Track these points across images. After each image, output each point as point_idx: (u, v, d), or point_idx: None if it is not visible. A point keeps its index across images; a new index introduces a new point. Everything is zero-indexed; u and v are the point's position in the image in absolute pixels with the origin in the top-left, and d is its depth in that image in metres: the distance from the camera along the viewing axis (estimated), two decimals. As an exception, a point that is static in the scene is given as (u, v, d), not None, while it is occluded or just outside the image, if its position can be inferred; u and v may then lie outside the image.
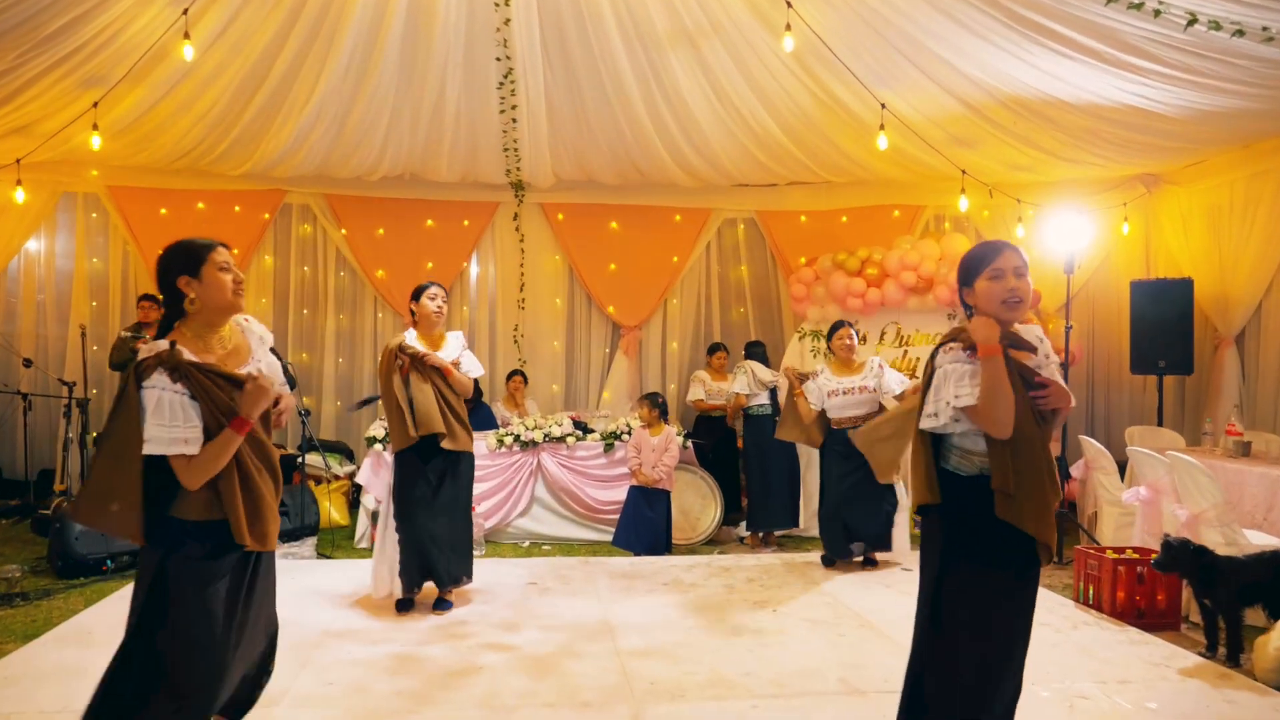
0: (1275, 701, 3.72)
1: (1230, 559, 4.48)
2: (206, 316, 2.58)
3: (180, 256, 2.57)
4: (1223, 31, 4.58)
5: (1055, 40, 5.17)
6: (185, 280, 2.54)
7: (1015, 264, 2.58)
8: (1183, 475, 5.14)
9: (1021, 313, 2.61)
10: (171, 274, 2.55)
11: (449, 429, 4.74)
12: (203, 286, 2.55)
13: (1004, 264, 2.58)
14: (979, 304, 2.64)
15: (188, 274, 2.54)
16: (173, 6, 5.28)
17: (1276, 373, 7.40)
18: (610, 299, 8.85)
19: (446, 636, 4.41)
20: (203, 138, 7.09)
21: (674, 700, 3.61)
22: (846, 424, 5.72)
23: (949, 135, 6.84)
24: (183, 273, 2.55)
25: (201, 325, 2.57)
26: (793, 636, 4.45)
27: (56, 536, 5.71)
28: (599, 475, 6.88)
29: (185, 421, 2.40)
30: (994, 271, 2.59)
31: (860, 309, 7.83)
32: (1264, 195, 7.34)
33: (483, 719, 3.41)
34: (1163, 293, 7.79)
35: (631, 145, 7.45)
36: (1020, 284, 2.57)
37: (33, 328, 8.47)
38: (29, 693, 3.62)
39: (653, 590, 5.30)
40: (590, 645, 4.27)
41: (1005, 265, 2.58)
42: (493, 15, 5.77)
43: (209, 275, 2.55)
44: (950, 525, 2.58)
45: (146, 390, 2.38)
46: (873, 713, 3.49)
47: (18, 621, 4.71)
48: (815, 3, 5.43)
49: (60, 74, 5.81)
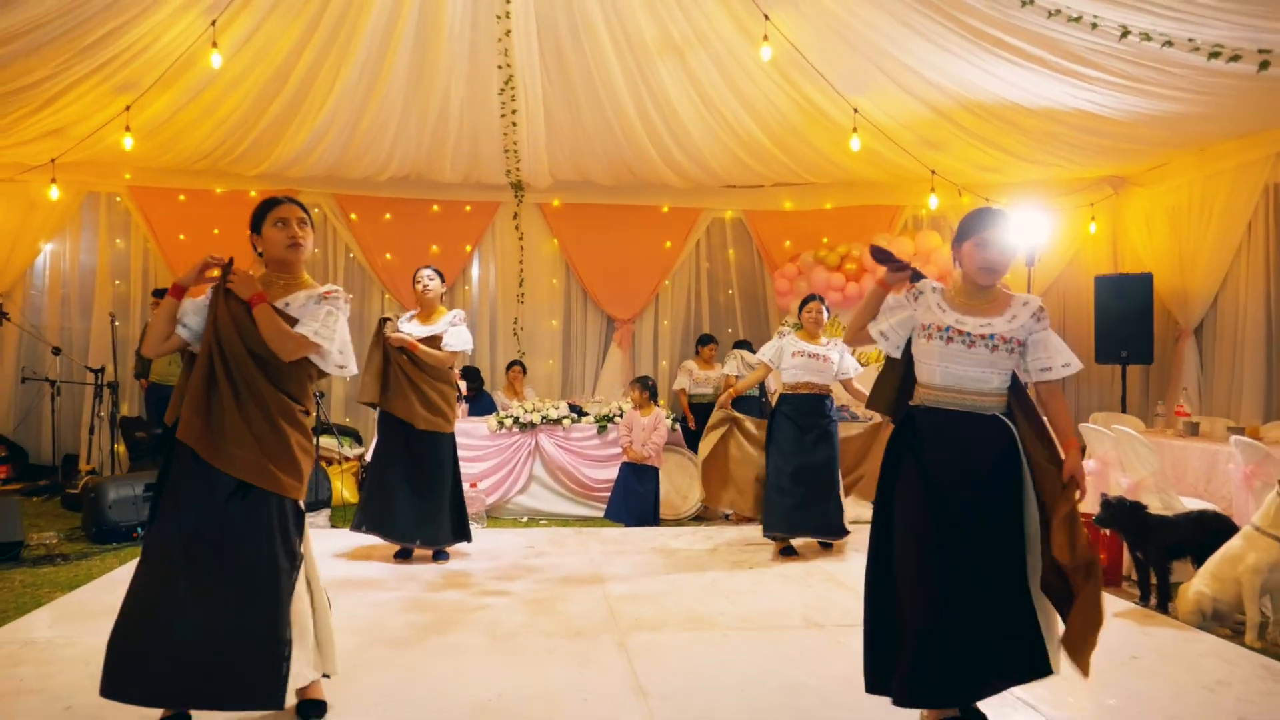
0: (1186, 635, 4.20)
1: (1161, 517, 4.96)
2: (273, 266, 3.03)
3: (254, 214, 3.05)
4: (1153, 42, 5.08)
5: (1006, 50, 5.67)
6: (253, 236, 3.04)
7: (1001, 237, 2.90)
8: (1125, 447, 5.63)
9: (994, 279, 2.94)
10: (251, 227, 3.05)
11: (408, 409, 5.21)
12: (262, 240, 3.01)
13: (991, 236, 2.87)
14: (962, 264, 2.95)
15: (253, 230, 3.03)
16: (203, 18, 5.78)
17: (1230, 362, 7.87)
18: (604, 293, 9.36)
19: (452, 585, 4.90)
20: (223, 140, 7.59)
21: (655, 631, 4.09)
22: (802, 389, 5.70)
23: (919, 138, 7.35)
24: (252, 228, 3.04)
25: (270, 273, 3.03)
26: (765, 587, 4.93)
27: (91, 506, 6.17)
28: (593, 455, 7.36)
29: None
30: (980, 240, 2.89)
31: (840, 302, 8.33)
32: (1219, 195, 7.82)
33: (488, 644, 3.88)
34: (1125, 287, 8.28)
35: (624, 148, 7.96)
36: (1002, 257, 2.89)
37: (58, 320, 8.96)
38: (83, 625, 4.09)
39: (640, 553, 5.77)
40: (581, 591, 4.76)
41: (991, 238, 2.88)
42: (495, 26, 6.27)
43: (266, 230, 3.00)
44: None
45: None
46: (829, 641, 3.97)
47: (61, 576, 5.19)
48: (791, 16, 5.93)
49: (97, 80, 6.32)
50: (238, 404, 2.81)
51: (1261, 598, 4.26)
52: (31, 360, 8.72)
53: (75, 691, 3.24)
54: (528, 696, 3.29)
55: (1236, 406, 7.68)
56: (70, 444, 8.70)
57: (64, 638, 3.90)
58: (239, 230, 3.14)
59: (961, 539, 2.80)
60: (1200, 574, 4.54)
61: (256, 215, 3.02)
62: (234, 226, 8.28)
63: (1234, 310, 7.85)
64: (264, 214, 3.00)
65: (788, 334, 5.96)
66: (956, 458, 2.87)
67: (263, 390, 2.85)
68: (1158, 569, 4.87)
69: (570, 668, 3.60)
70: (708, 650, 3.83)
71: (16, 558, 5.54)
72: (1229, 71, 5.33)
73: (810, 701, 3.27)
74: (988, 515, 2.84)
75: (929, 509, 2.82)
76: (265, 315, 2.85)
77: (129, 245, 9.02)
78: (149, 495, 6.23)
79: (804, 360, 5.69)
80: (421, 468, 5.29)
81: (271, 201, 3.03)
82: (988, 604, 2.79)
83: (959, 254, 3.00)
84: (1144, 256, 8.72)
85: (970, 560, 2.79)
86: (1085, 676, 2.76)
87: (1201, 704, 3.33)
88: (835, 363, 5.74)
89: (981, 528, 2.83)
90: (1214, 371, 8.14)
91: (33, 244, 8.64)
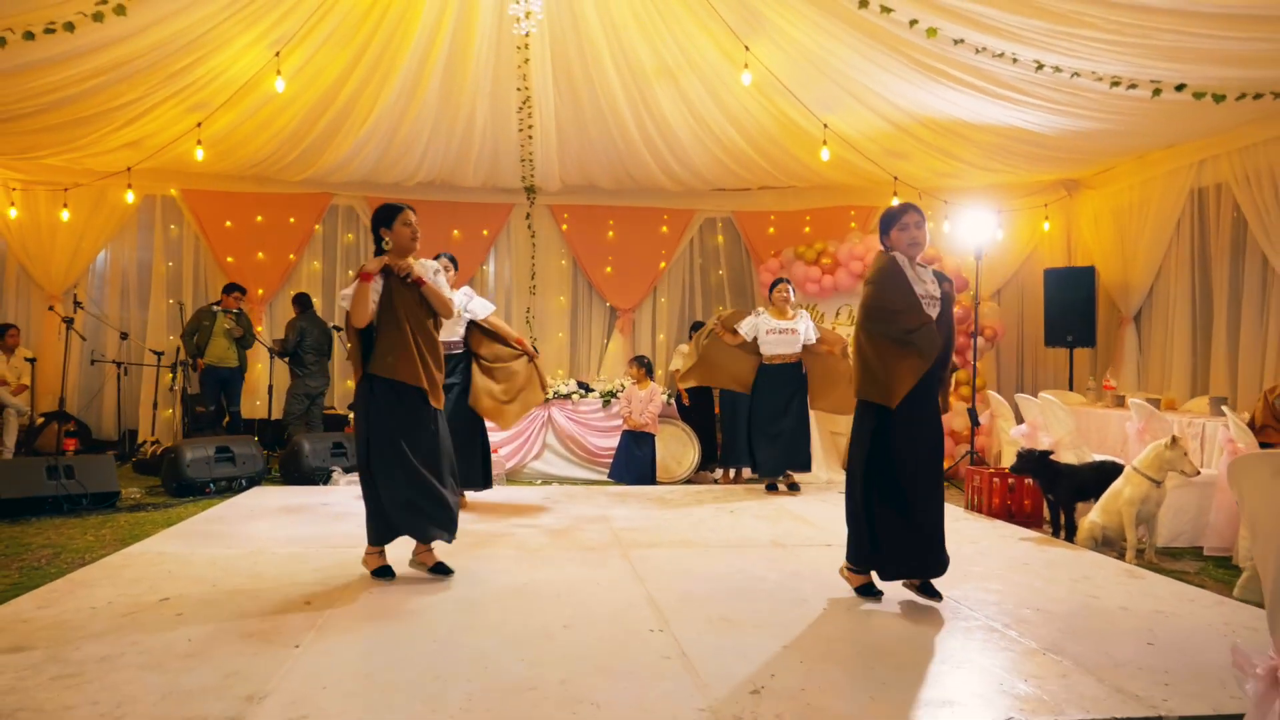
0: (1075, 553, 5.25)
1: (1068, 465, 6.03)
2: (396, 253, 4.18)
3: (382, 214, 4.21)
4: (1063, 73, 6.13)
5: (947, 79, 6.71)
6: (383, 230, 4.18)
7: (915, 219, 4.03)
8: (1046, 411, 6.69)
9: (919, 252, 4.04)
10: (376, 224, 4.20)
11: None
12: (392, 234, 4.18)
13: (908, 220, 4.03)
14: (894, 246, 4.06)
15: (384, 226, 4.18)
16: (269, 50, 6.82)
17: (1163, 345, 8.90)
18: (607, 286, 10.45)
19: (482, 519, 5.96)
20: (275, 150, 8.65)
21: (650, 548, 5.15)
22: (776, 360, 7.15)
23: (882, 148, 8.40)
24: (382, 225, 4.19)
25: (392, 259, 4.17)
26: (742, 523, 6.00)
27: (170, 465, 7.19)
28: (598, 426, 8.41)
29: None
30: (901, 225, 4.04)
31: (817, 293, 9.40)
32: (1153, 197, 8.84)
33: (516, 556, 4.93)
34: (1070, 279, 9.33)
35: (625, 156, 9.03)
36: (920, 233, 4.01)
37: (118, 310, 10.00)
38: (197, 543, 5.15)
39: (641, 503, 6.84)
40: (591, 525, 5.82)
41: (909, 220, 4.03)
42: (515, 55, 7.32)
43: (397, 228, 4.18)
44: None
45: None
46: (786, 554, 5.03)
47: (157, 518, 6.22)
48: (768, 47, 6.97)
49: (174, 102, 7.37)
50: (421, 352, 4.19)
51: (1138, 526, 5.31)
52: (96, 347, 9.75)
53: (216, 577, 4.32)
54: (556, 584, 4.34)
55: (1168, 384, 8.70)
56: (130, 420, 9.73)
57: (187, 551, 4.97)
58: (280, 238, 4.39)
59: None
60: (1095, 508, 5.60)
61: (385, 217, 4.18)
62: (273, 233, 9.51)
63: (1166, 299, 8.85)
64: (393, 216, 4.17)
65: (761, 314, 7.18)
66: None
67: (435, 340, 4.28)
68: (1066, 509, 5.92)
69: (585, 568, 4.65)
70: (693, 559, 4.89)
71: (114, 506, 6.58)
72: (1131, 96, 6.38)
73: (769, 586, 4.33)
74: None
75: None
76: (430, 291, 4.22)
77: (182, 243, 10.06)
78: (219, 457, 7.31)
79: (776, 337, 7.03)
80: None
81: (396, 207, 4.20)
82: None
83: (888, 240, 4.11)
84: (1093, 251, 9.75)
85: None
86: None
87: (1066, 591, 4.38)
88: (801, 333, 7.15)
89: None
90: (1150, 354, 9.17)
91: (96, 242, 9.68)
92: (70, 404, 9.69)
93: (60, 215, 8.77)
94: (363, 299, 4.08)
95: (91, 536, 5.54)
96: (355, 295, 4.11)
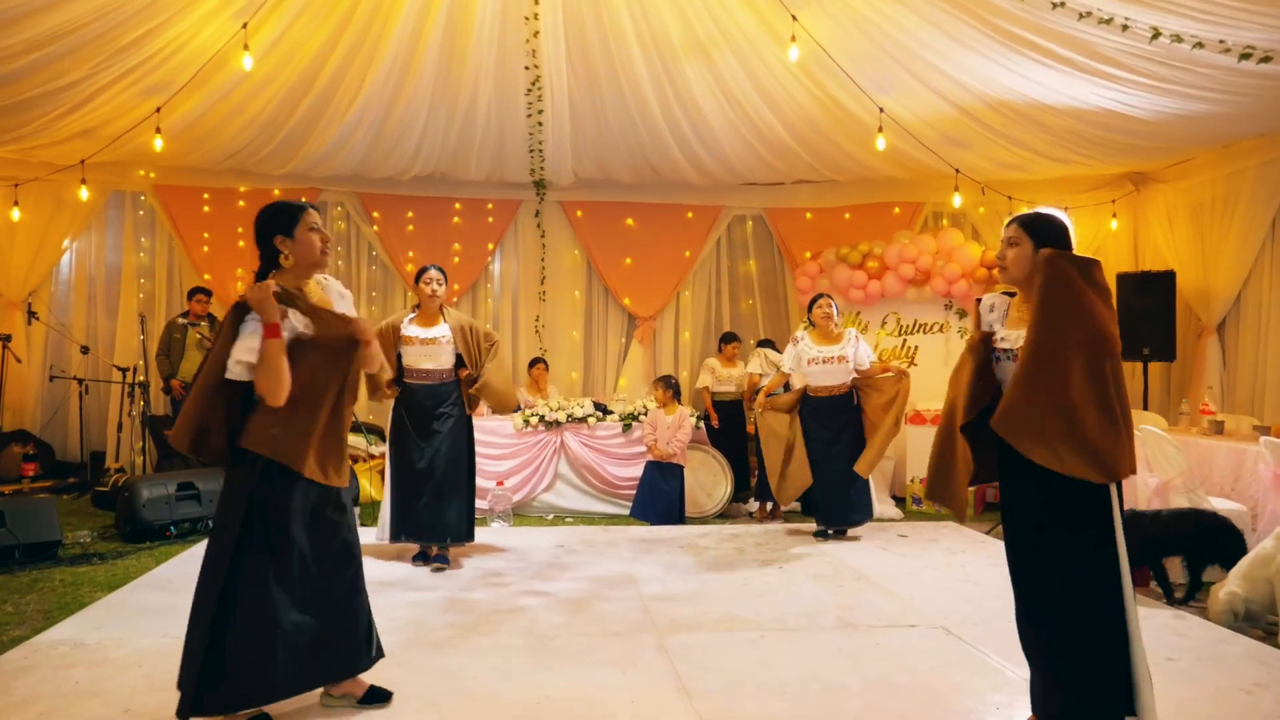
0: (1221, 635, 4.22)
1: (1142, 513, 5.01)
2: (297, 271, 2.98)
3: (277, 217, 2.97)
4: (1184, 44, 5.08)
5: (1035, 50, 5.67)
6: (280, 239, 2.94)
7: (1006, 236, 3.00)
8: (1152, 447, 5.64)
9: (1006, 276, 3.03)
10: (268, 232, 2.95)
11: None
12: (295, 244, 2.94)
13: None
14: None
15: (282, 233, 2.94)
16: (234, 20, 5.82)
17: (1254, 359, 7.87)
18: (626, 291, 9.40)
19: (487, 585, 4.95)
20: (251, 140, 7.64)
21: (692, 632, 4.13)
22: (822, 393, 6.07)
23: (943, 136, 7.35)
24: (278, 232, 2.94)
25: (291, 279, 2.97)
26: (797, 586, 4.97)
27: (125, 505, 6.23)
28: (618, 453, 7.40)
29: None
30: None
31: (862, 300, 8.36)
32: (1241, 192, 7.81)
33: (527, 645, 3.93)
34: (1147, 285, 8.27)
35: (647, 146, 7.98)
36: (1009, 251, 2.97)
37: (84, 319, 9.02)
38: (130, 625, 4.16)
39: (670, 552, 5.82)
40: (616, 592, 4.81)
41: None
42: (523, 27, 6.29)
43: (301, 235, 2.95)
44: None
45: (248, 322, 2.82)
46: (864, 641, 4.02)
47: (100, 575, 5.24)
48: (818, 16, 5.94)
49: (129, 82, 6.36)
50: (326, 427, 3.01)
51: (1295, 600, 4.29)
52: (59, 359, 8.79)
53: (132, 694, 3.31)
54: (575, 699, 3.34)
55: (1260, 404, 7.68)
56: (96, 442, 8.77)
57: (113, 639, 3.96)
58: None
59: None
60: (1232, 575, 4.57)
61: (283, 221, 2.96)
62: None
63: (1257, 307, 7.84)
64: (294, 220, 2.97)
65: (802, 338, 6.13)
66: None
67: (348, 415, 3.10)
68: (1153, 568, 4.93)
69: (612, 670, 3.64)
70: (746, 653, 3.87)
71: (54, 557, 5.61)
72: (1258, 72, 5.33)
73: (854, 705, 3.31)
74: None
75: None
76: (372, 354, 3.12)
77: (154, 244, 9.08)
78: (182, 495, 6.33)
79: (820, 368, 6.02)
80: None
81: (299, 207, 3.01)
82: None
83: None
84: (1165, 253, 8.71)
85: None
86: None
87: (1241, 706, 3.36)
88: (850, 359, 6.02)
89: None
90: (1236, 369, 8.14)
91: (59, 243, 8.70)
92: (31, 422, 8.76)
93: (10, 214, 7.78)
94: (277, 366, 2.76)
95: (11, 607, 4.56)
96: (264, 363, 2.77)
